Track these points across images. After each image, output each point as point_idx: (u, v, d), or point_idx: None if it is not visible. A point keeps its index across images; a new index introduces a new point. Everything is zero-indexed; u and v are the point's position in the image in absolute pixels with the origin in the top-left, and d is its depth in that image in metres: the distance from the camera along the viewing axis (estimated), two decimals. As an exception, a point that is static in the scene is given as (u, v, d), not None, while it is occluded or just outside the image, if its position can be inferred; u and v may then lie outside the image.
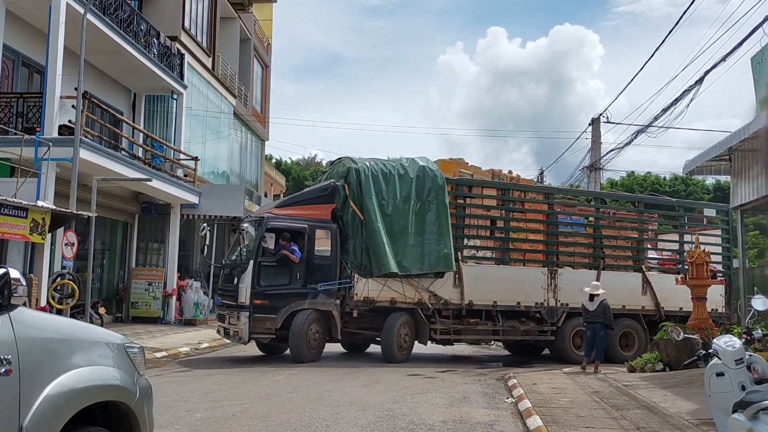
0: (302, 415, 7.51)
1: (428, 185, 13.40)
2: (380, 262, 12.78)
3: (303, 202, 13.48)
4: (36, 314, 2.92)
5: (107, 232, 18.96)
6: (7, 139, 13.39)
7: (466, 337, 13.97)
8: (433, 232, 13.20)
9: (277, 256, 12.58)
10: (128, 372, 3.36)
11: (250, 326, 12.21)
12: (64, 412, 2.80)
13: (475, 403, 8.75)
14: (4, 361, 2.55)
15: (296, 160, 70.46)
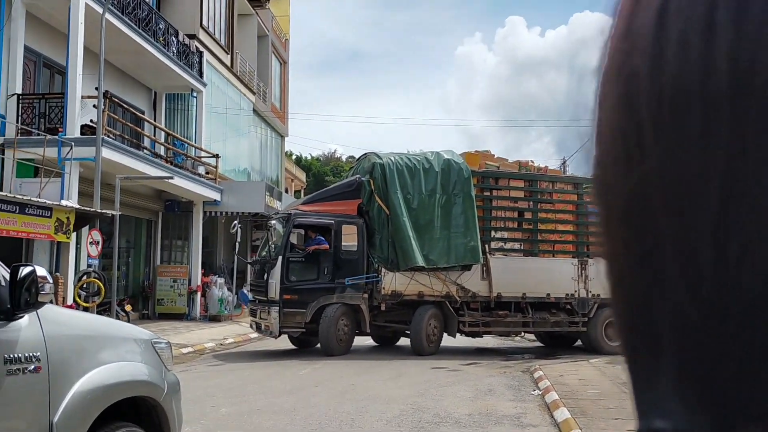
0: (327, 410, 7.49)
1: (454, 178, 13.40)
2: (407, 256, 12.83)
3: (329, 198, 13.62)
4: (63, 311, 2.93)
5: (131, 230, 19.11)
6: (31, 140, 13.53)
7: (496, 329, 13.94)
8: (459, 225, 13.20)
9: (305, 252, 12.77)
10: (156, 367, 3.35)
11: (281, 321, 12.42)
12: (94, 408, 2.81)
13: (501, 396, 8.66)
14: (33, 359, 2.55)
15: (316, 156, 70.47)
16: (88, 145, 13.49)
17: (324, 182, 61.86)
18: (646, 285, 0.25)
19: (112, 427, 2.95)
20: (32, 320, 2.60)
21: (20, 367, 2.50)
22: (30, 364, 2.53)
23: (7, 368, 2.45)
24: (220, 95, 22.37)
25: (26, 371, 2.52)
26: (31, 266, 2.53)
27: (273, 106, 29.12)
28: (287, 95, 31.98)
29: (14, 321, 2.54)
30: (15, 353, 2.50)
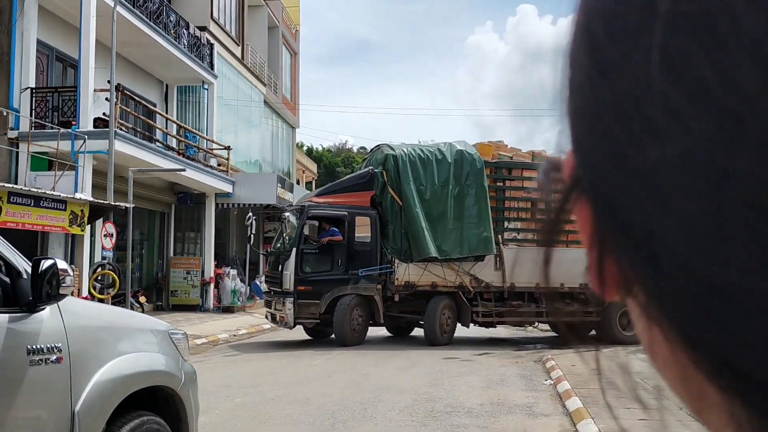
0: (340, 399, 7.56)
1: (466, 169, 13.40)
2: (420, 247, 12.89)
3: (342, 190, 13.68)
4: (83, 303, 3.00)
5: (145, 222, 19.27)
6: (44, 133, 13.64)
7: (509, 320, 13.98)
8: (472, 215, 13.22)
9: (319, 244, 12.89)
10: (173, 358, 3.42)
11: (295, 312, 12.55)
12: (114, 398, 2.88)
13: (513, 386, 8.69)
14: (55, 349, 2.61)
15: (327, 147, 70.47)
16: (101, 138, 13.59)
17: (335, 173, 61.91)
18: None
19: (131, 416, 3.01)
20: (53, 312, 2.66)
21: (43, 357, 2.56)
22: (52, 355, 2.60)
23: (30, 359, 2.51)
24: (231, 87, 22.44)
25: (48, 362, 2.58)
26: (52, 259, 2.58)
27: (284, 98, 29.16)
28: (298, 86, 32.00)
29: (36, 313, 2.59)
30: (37, 344, 2.55)
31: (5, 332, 2.46)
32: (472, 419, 6.66)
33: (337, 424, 6.39)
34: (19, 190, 11.54)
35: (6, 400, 2.44)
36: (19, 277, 2.58)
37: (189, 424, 3.43)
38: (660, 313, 0.26)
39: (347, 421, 6.51)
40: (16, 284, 2.57)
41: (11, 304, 2.56)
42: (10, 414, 2.44)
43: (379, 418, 6.64)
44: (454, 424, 6.44)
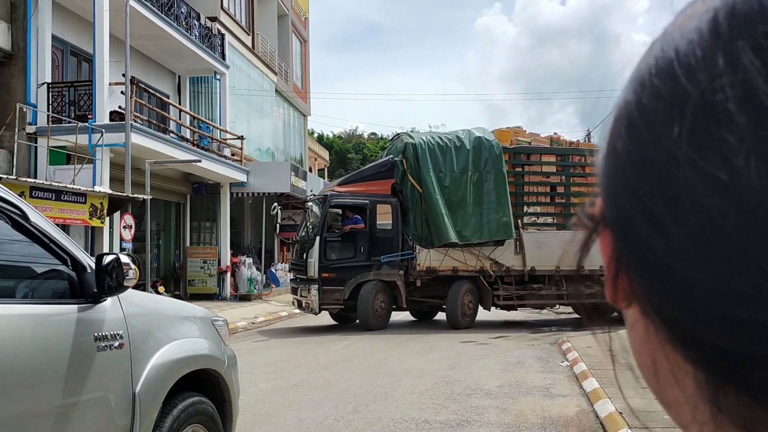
0: (361, 383, 7.73)
1: (485, 155, 13.61)
2: (440, 233, 13.14)
3: (363, 179, 13.98)
4: (139, 294, 3.25)
5: (161, 213, 19.51)
6: (62, 128, 13.85)
7: (530, 302, 14.19)
8: (491, 201, 13.45)
9: (342, 232, 13.24)
10: (216, 343, 3.66)
11: (320, 298, 12.94)
12: (168, 380, 3.12)
13: (530, 368, 8.83)
14: (117, 336, 2.84)
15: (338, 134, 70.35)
16: (117, 131, 13.79)
17: (346, 160, 61.96)
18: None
19: (182, 397, 3.26)
20: (114, 302, 2.90)
21: (107, 344, 2.81)
22: (115, 341, 2.84)
23: (97, 345, 2.76)
24: (242, 77, 22.55)
25: (112, 347, 2.83)
26: (114, 254, 2.81)
27: (295, 86, 29.23)
28: (308, 74, 32.04)
29: (100, 303, 2.83)
30: (102, 332, 2.80)
31: (76, 321, 2.70)
32: (491, 401, 6.82)
33: (360, 407, 6.57)
34: (41, 184, 11.78)
35: (80, 381, 2.69)
36: (84, 271, 2.82)
37: (232, 404, 3.71)
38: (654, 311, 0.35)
39: (369, 404, 6.69)
40: (82, 278, 2.80)
41: (77, 296, 2.79)
42: (83, 394, 2.69)
43: (401, 401, 6.81)
44: (473, 405, 6.60)
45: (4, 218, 2.56)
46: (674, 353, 0.35)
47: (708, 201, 0.31)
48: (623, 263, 0.37)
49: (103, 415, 2.80)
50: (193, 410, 3.30)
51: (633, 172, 0.35)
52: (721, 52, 0.31)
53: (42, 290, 2.84)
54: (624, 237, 0.36)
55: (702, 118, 0.31)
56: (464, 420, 6.02)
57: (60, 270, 2.80)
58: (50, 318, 2.65)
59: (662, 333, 0.35)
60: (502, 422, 5.93)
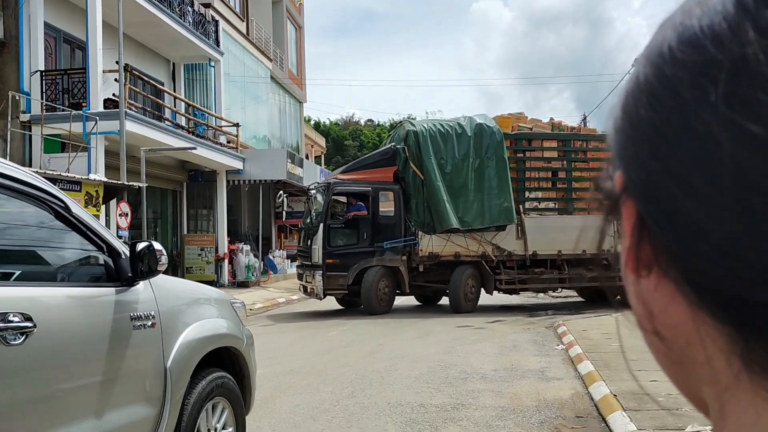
0: (357, 368, 7.77)
1: (486, 142, 13.79)
2: (442, 219, 13.34)
3: (366, 167, 14.22)
4: (167, 278, 3.52)
5: (158, 201, 19.49)
6: (56, 116, 13.79)
7: (532, 286, 14.44)
8: (492, 187, 13.66)
9: (345, 219, 13.50)
10: (235, 323, 3.97)
11: (324, 283, 13.24)
12: (195, 356, 3.43)
13: (526, 351, 8.88)
14: (150, 316, 3.13)
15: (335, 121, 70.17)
16: (111, 119, 13.74)
17: (343, 147, 61.81)
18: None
19: (207, 372, 3.57)
20: (146, 286, 3.20)
21: (142, 323, 3.10)
22: (148, 321, 3.13)
23: (132, 324, 3.05)
24: (237, 63, 22.44)
25: (145, 327, 3.12)
26: (147, 242, 3.10)
27: (290, 73, 29.10)
28: (304, 60, 31.88)
29: (134, 286, 3.13)
30: (137, 312, 3.09)
31: (114, 302, 3.00)
32: (486, 384, 6.85)
33: (356, 391, 6.60)
34: (36, 172, 11.69)
35: (120, 357, 2.99)
36: (119, 257, 3.11)
37: (251, 380, 4.09)
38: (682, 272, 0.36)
39: (365, 389, 6.72)
40: (117, 263, 3.09)
41: (113, 280, 3.08)
42: (123, 368, 2.99)
43: (396, 386, 6.84)
44: (468, 389, 6.63)
45: (49, 209, 2.83)
46: (700, 313, 0.36)
47: (742, 157, 0.33)
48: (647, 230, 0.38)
49: (140, 388, 3.10)
50: (217, 384, 3.62)
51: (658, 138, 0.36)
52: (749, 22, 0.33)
53: (83, 274, 3.18)
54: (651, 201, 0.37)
55: (736, 82, 0.33)
56: (459, 403, 6.06)
57: (98, 256, 3.12)
58: (92, 299, 2.94)
59: (689, 294, 0.36)
60: (497, 405, 5.96)
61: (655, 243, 0.38)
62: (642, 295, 0.40)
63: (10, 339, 2.38)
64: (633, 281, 0.41)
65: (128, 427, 3.00)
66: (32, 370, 2.52)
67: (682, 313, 0.37)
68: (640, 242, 0.39)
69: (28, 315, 2.47)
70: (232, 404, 3.81)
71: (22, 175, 2.69)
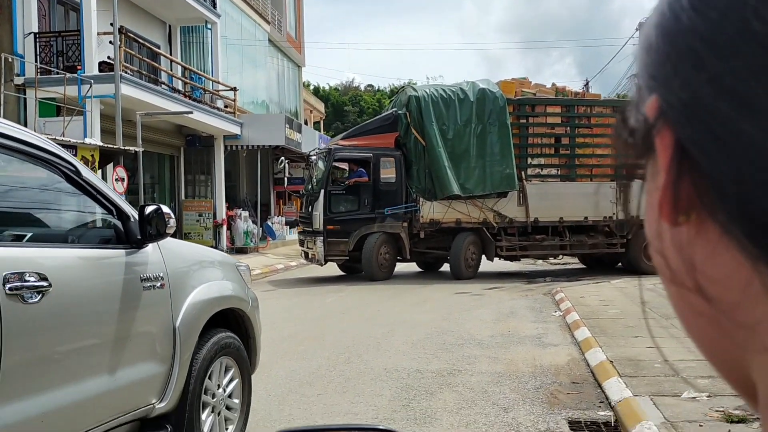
0: (354, 334, 7.80)
1: (489, 107, 13.75)
2: (443, 186, 13.40)
3: (367, 133, 14.19)
4: (175, 241, 3.61)
5: (155, 166, 19.39)
6: (50, 79, 13.64)
7: (533, 253, 14.54)
8: (494, 153, 13.66)
9: (346, 185, 13.56)
10: (241, 285, 4.09)
11: (325, 250, 13.34)
12: (203, 316, 3.54)
13: (523, 318, 8.91)
14: (159, 278, 3.24)
15: (334, 86, 69.60)
16: (107, 82, 13.58)
17: (343, 113, 61.39)
18: None
19: (214, 332, 3.69)
20: (155, 248, 3.30)
21: (151, 284, 3.21)
22: (157, 282, 3.25)
23: (143, 284, 3.16)
24: (234, 26, 22.12)
25: (155, 287, 3.23)
26: (156, 205, 3.18)
27: (288, 36, 28.72)
28: (302, 23, 31.42)
29: (143, 249, 3.23)
30: (147, 273, 3.20)
31: (124, 263, 3.11)
32: (482, 350, 6.88)
33: (353, 357, 6.63)
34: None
35: (131, 316, 3.10)
36: (128, 220, 3.19)
37: (255, 340, 4.19)
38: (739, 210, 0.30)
39: (362, 354, 6.74)
40: (126, 226, 3.19)
41: (123, 242, 3.18)
42: (134, 327, 3.11)
43: (393, 351, 6.86)
44: (465, 355, 6.66)
45: (60, 173, 2.92)
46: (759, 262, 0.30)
47: None
48: (688, 163, 0.32)
49: (150, 346, 3.22)
50: (224, 344, 3.75)
51: (706, 49, 0.31)
52: None
53: (94, 237, 3.29)
54: (697, 125, 0.31)
55: None
56: (456, 369, 6.08)
57: (108, 219, 3.22)
58: (104, 260, 3.05)
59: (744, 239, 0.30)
60: (494, 371, 5.99)
61: (699, 178, 0.32)
62: (681, 245, 0.34)
63: (28, 297, 2.49)
64: (667, 230, 0.35)
65: (140, 383, 3.12)
66: (49, 327, 2.63)
67: (733, 263, 0.31)
68: (680, 179, 0.33)
69: (44, 275, 2.57)
70: (238, 363, 3.94)
71: (34, 139, 2.77)
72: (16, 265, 2.47)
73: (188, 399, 3.38)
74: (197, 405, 3.49)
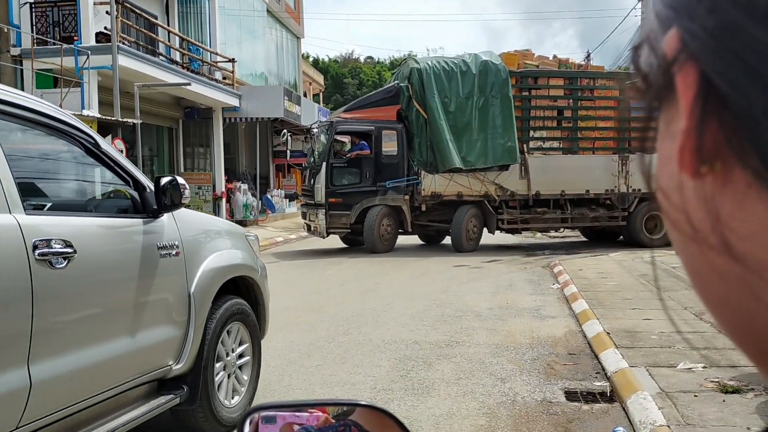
0: (353, 307, 7.87)
1: (491, 80, 13.75)
2: (444, 159, 13.45)
3: (369, 105, 14.22)
4: (188, 212, 3.76)
5: (153, 138, 19.33)
6: (47, 50, 13.53)
7: (534, 226, 14.63)
8: (496, 126, 13.68)
9: (347, 158, 13.60)
10: (250, 254, 4.25)
11: (327, 222, 13.47)
12: (216, 283, 3.71)
13: (521, 290, 8.97)
14: (174, 246, 3.39)
15: (334, 58, 69.05)
16: (104, 53, 13.48)
17: (342, 85, 60.99)
18: None
19: (226, 299, 3.86)
20: (170, 218, 3.46)
21: (167, 252, 3.36)
22: (173, 250, 3.40)
23: (159, 252, 3.31)
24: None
25: (171, 255, 3.39)
26: (171, 176, 3.34)
27: (287, 6, 28.40)
28: (301, -7, 31.00)
29: (159, 218, 3.39)
30: (163, 242, 3.35)
31: (142, 232, 3.25)
32: (480, 322, 6.93)
33: (351, 329, 6.69)
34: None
35: (149, 282, 3.26)
36: (144, 191, 3.36)
37: (265, 307, 4.43)
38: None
39: (360, 326, 6.80)
40: (143, 196, 3.34)
41: (140, 212, 3.33)
42: (151, 293, 3.27)
43: (392, 323, 6.92)
44: (463, 327, 6.72)
45: (80, 145, 3.06)
46: None
47: None
48: (715, 102, 0.28)
49: (167, 311, 3.39)
50: (235, 310, 3.92)
51: None
52: None
53: (112, 206, 3.44)
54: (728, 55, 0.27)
55: None
56: (454, 341, 6.14)
57: (125, 190, 3.37)
58: (123, 229, 3.21)
59: None
60: (491, 343, 6.05)
61: (727, 119, 0.28)
62: (705, 198, 0.30)
63: (55, 263, 2.64)
64: (688, 182, 0.31)
65: (158, 345, 3.30)
66: (75, 291, 2.79)
67: (766, 215, 0.28)
68: (705, 121, 0.29)
69: (69, 242, 2.72)
70: (248, 329, 4.13)
71: (56, 113, 2.90)
72: (43, 233, 2.61)
73: (203, 361, 3.56)
74: (211, 367, 3.66)
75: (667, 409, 3.92)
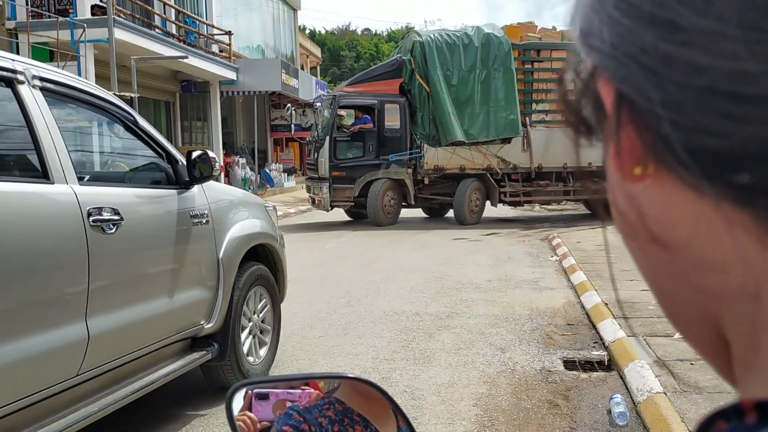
0: (354, 279, 7.97)
1: (494, 53, 13.83)
2: (447, 132, 13.56)
3: (372, 79, 14.30)
4: (215, 184, 4.03)
5: (150, 112, 19.30)
6: (42, 23, 13.47)
7: (537, 199, 14.84)
8: (499, 99, 13.81)
9: (351, 132, 13.74)
10: (270, 224, 4.56)
11: (331, 196, 13.65)
12: (241, 250, 4.02)
13: (520, 263, 9.07)
14: (204, 215, 3.70)
15: (331, 30, 68.44)
16: (100, 26, 13.45)
17: (339, 58, 60.52)
18: None
19: (249, 265, 4.17)
20: (199, 189, 3.75)
21: (198, 220, 3.67)
22: (203, 219, 3.70)
23: (192, 220, 3.61)
24: (227, -34, 21.56)
25: (201, 224, 3.69)
26: (201, 150, 3.65)
27: (283, -23, 28.01)
28: (297, -37, 30.61)
29: (190, 189, 3.68)
30: (195, 211, 3.65)
31: (177, 202, 3.56)
32: (480, 294, 7.03)
33: (352, 301, 6.78)
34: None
35: (184, 248, 3.57)
36: (177, 164, 3.65)
37: (283, 273, 4.74)
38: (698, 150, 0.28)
39: (361, 298, 6.89)
40: (175, 169, 3.64)
41: (173, 183, 3.63)
42: (186, 258, 3.58)
43: (392, 295, 7.02)
44: (463, 299, 6.81)
45: (120, 122, 3.39)
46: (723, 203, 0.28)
47: None
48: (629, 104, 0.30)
49: (200, 274, 3.69)
50: (258, 275, 4.24)
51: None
52: None
53: (148, 178, 3.72)
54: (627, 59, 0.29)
55: None
56: (454, 312, 6.23)
57: (159, 163, 3.65)
58: (161, 198, 3.50)
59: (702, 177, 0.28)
60: (491, 314, 6.14)
61: (638, 120, 0.29)
62: (632, 197, 0.32)
63: (106, 228, 2.94)
64: (618, 183, 0.33)
65: (192, 306, 3.62)
66: (123, 255, 3.10)
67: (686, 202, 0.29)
68: (623, 126, 0.31)
69: (117, 209, 3.01)
70: (269, 293, 4.48)
71: (100, 92, 3.22)
72: (95, 201, 2.91)
73: (231, 322, 3.90)
74: (238, 327, 4.00)
75: (663, 377, 4.03)
